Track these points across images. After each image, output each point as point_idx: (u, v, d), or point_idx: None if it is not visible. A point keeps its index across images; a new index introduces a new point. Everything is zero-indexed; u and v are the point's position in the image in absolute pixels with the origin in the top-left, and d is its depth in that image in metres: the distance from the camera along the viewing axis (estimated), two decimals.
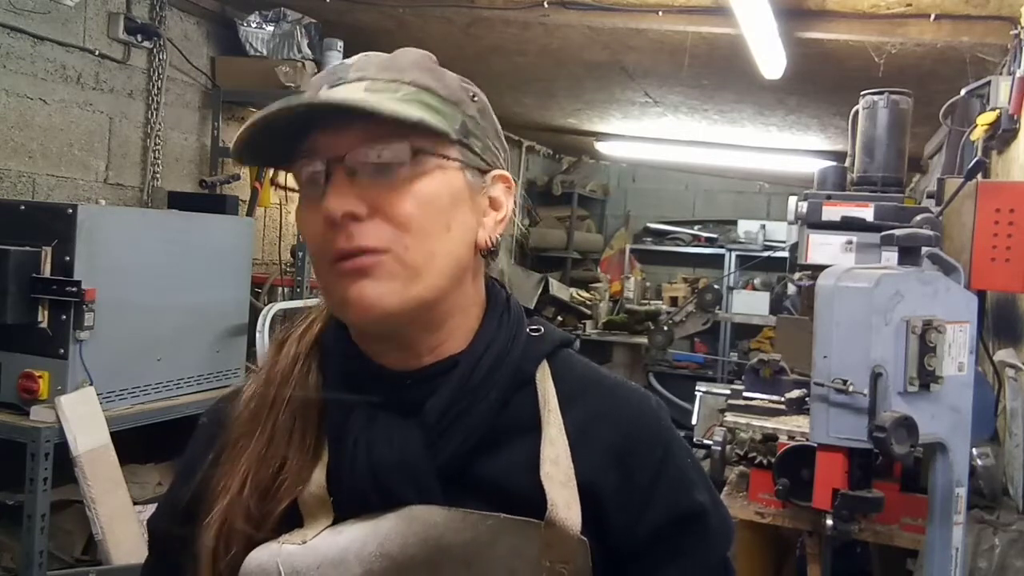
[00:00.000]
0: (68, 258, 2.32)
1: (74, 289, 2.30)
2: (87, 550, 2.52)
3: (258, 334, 2.93)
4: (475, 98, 0.80)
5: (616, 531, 0.78)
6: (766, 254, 6.49)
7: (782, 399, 2.29)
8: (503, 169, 0.82)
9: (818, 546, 2.02)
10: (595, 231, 7.62)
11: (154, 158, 3.45)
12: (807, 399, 2.02)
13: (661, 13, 3.18)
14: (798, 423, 2.11)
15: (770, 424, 2.15)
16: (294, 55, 3.55)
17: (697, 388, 3.25)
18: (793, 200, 2.25)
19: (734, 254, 6.88)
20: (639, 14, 3.23)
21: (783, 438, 2.06)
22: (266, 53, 3.59)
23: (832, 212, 2.16)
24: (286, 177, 3.63)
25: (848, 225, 2.13)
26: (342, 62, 0.79)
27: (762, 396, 2.36)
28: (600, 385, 0.85)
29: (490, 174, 0.81)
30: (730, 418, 2.22)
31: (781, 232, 6.57)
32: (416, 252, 0.73)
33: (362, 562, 0.74)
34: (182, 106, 3.63)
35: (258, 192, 3.64)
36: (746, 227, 6.91)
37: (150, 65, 3.41)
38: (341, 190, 0.72)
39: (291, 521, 0.78)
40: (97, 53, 3.16)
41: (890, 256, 1.57)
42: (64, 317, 2.33)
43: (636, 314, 6.90)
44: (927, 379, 1.34)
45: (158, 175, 3.46)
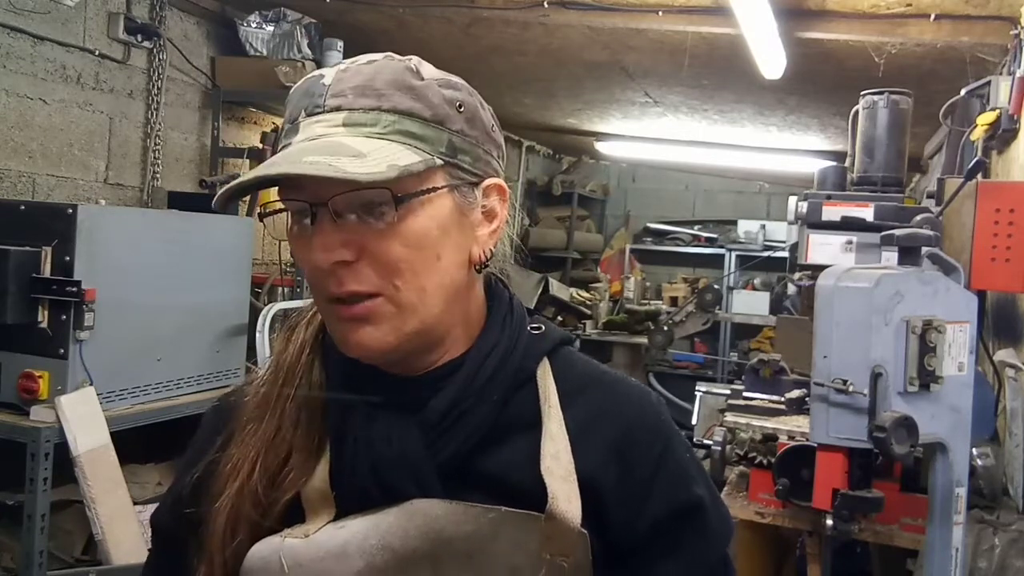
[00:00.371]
0: (68, 258, 2.32)
1: (74, 289, 2.30)
2: (87, 550, 2.52)
3: (258, 334, 2.93)
4: (461, 108, 0.77)
5: (616, 525, 0.79)
6: (766, 254, 6.49)
7: (782, 399, 2.29)
8: (497, 174, 0.81)
9: (818, 546, 2.02)
10: (595, 231, 7.62)
11: (154, 158, 3.45)
12: (807, 399, 2.02)
13: (661, 13, 3.18)
14: (798, 423, 2.11)
15: (770, 424, 2.15)
16: (294, 55, 3.55)
17: (697, 388, 3.25)
18: (793, 200, 2.24)
19: (734, 254, 6.88)
20: (639, 14, 3.23)
21: (783, 438, 2.06)
22: (266, 53, 3.59)
23: (832, 212, 2.16)
24: None
25: (848, 225, 2.13)
26: (322, 75, 0.76)
27: (762, 396, 2.36)
28: (600, 381, 0.86)
29: (482, 185, 0.79)
30: (730, 418, 2.22)
31: (781, 232, 6.58)
32: (407, 291, 0.74)
33: (364, 555, 0.75)
34: (182, 106, 3.63)
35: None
36: (746, 227, 6.91)
37: (150, 65, 3.41)
38: (327, 236, 0.72)
39: (294, 516, 0.78)
40: (97, 53, 3.16)
41: (890, 256, 1.57)
42: (64, 317, 2.33)
43: (636, 314, 6.91)
44: (927, 379, 1.34)
45: (158, 175, 3.46)
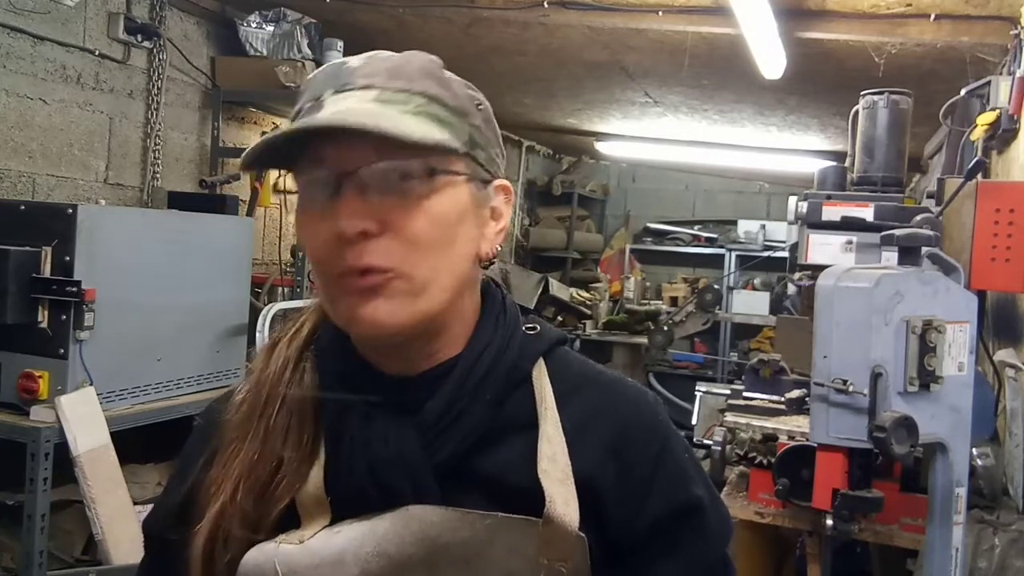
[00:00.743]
0: (68, 258, 2.32)
1: (74, 289, 2.30)
2: (87, 550, 2.52)
3: (258, 334, 2.93)
4: (480, 107, 0.80)
5: (614, 525, 0.78)
6: (766, 254, 6.49)
7: (782, 399, 2.29)
8: (503, 177, 0.83)
9: (818, 546, 2.02)
10: (595, 231, 7.62)
11: (154, 158, 3.45)
12: (807, 399, 2.02)
13: (661, 13, 3.18)
14: (798, 423, 2.11)
15: (770, 424, 2.15)
16: (294, 55, 3.55)
17: (697, 388, 3.25)
18: (793, 200, 2.24)
19: (734, 254, 6.88)
20: (639, 14, 3.23)
21: (783, 438, 2.06)
22: (266, 53, 3.59)
23: (832, 212, 2.16)
24: (285, 180, 3.63)
25: (848, 225, 2.13)
26: (346, 62, 0.77)
27: (762, 396, 2.36)
28: (596, 381, 0.85)
29: (492, 184, 0.81)
30: (730, 418, 2.22)
31: (781, 232, 6.58)
32: (422, 269, 0.73)
33: (359, 562, 0.74)
34: (182, 106, 3.63)
35: (258, 192, 3.64)
36: (746, 227, 6.91)
37: (150, 65, 3.41)
38: (353, 205, 0.71)
39: (288, 521, 0.77)
40: (97, 53, 3.16)
41: (890, 256, 1.57)
42: (64, 317, 2.33)
43: (636, 314, 6.90)
44: (927, 379, 1.34)
45: (158, 175, 3.46)
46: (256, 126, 4.02)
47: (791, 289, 4.30)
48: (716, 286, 6.92)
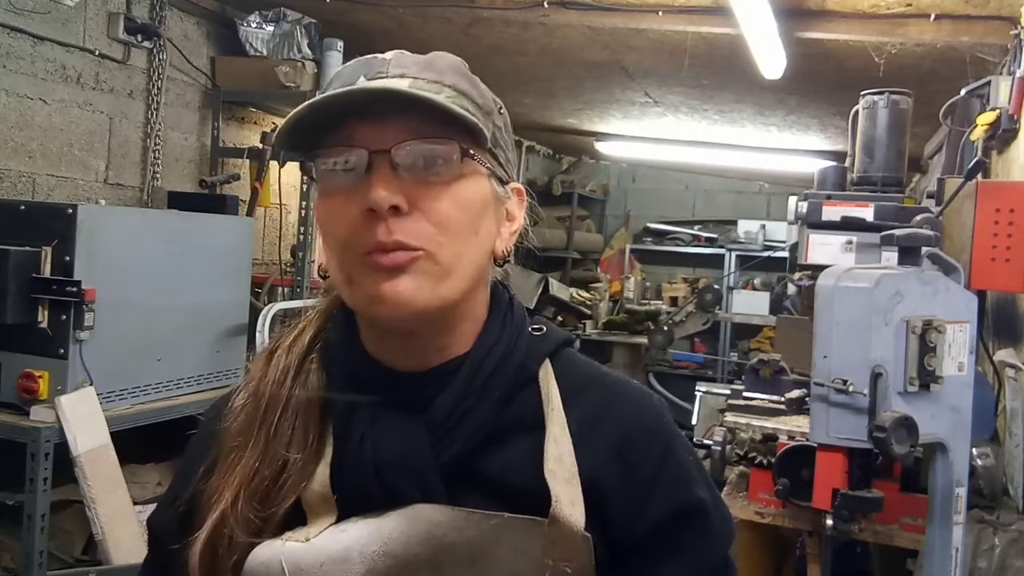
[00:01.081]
0: (68, 258, 2.32)
1: (74, 289, 2.30)
2: (87, 550, 2.52)
3: (258, 334, 2.93)
4: (501, 111, 0.83)
5: (618, 526, 0.79)
6: (766, 254, 6.49)
7: (782, 399, 2.29)
8: (518, 182, 0.85)
9: (818, 546, 2.02)
10: (595, 231, 7.62)
11: (154, 158, 3.45)
12: (807, 399, 2.02)
13: (661, 13, 3.18)
14: (798, 423, 2.11)
15: (770, 424, 2.15)
16: (294, 55, 3.55)
17: (697, 388, 3.25)
18: (793, 200, 2.25)
19: (734, 254, 6.88)
20: (639, 14, 3.23)
21: (783, 438, 2.07)
22: (266, 53, 3.59)
23: (832, 212, 2.16)
24: (280, 178, 3.62)
25: (848, 225, 2.13)
26: (376, 56, 0.78)
27: (762, 396, 2.36)
28: (602, 383, 0.86)
29: (509, 185, 0.83)
30: (730, 418, 2.22)
31: (781, 232, 6.57)
32: (448, 252, 0.74)
33: (365, 560, 0.74)
34: (182, 106, 3.63)
35: (258, 192, 3.64)
36: (746, 227, 6.91)
37: (150, 65, 3.41)
38: (386, 181, 0.72)
39: (295, 519, 0.78)
40: (97, 53, 3.16)
41: (890, 256, 1.57)
42: (64, 317, 2.33)
43: (636, 314, 6.90)
44: (927, 379, 1.35)
45: (158, 175, 3.46)
46: (256, 126, 4.02)
47: (791, 289, 4.30)
48: (716, 286, 6.92)
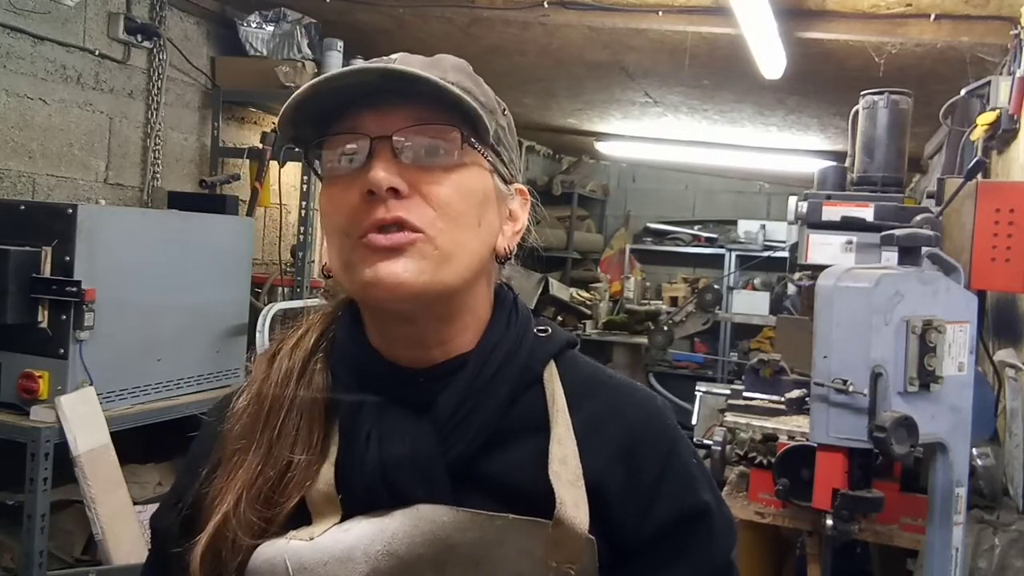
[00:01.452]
0: (68, 258, 2.32)
1: (74, 289, 2.30)
2: (87, 550, 2.52)
3: (258, 334, 2.93)
4: (505, 112, 0.85)
5: (621, 529, 0.79)
6: (766, 254, 6.49)
7: (782, 399, 2.29)
8: (521, 184, 0.86)
9: (818, 546, 2.02)
10: (595, 231, 7.62)
11: (154, 158, 3.45)
12: (807, 399, 2.02)
13: (661, 13, 3.18)
14: (798, 423, 2.12)
15: (770, 424, 2.15)
16: (294, 55, 3.55)
17: (697, 388, 3.25)
18: (793, 200, 2.25)
19: (734, 254, 6.88)
20: (639, 14, 3.23)
21: (783, 438, 2.07)
22: (266, 53, 3.59)
23: (832, 212, 2.16)
24: (280, 175, 3.62)
25: (848, 225, 2.13)
26: (380, 58, 0.78)
27: (762, 396, 2.36)
28: (606, 385, 0.86)
29: (512, 185, 0.84)
30: (730, 418, 2.22)
31: (781, 232, 6.57)
32: (448, 238, 0.74)
33: (369, 560, 0.74)
34: (182, 106, 3.63)
35: (258, 192, 3.64)
36: (746, 227, 6.91)
37: (150, 65, 3.41)
38: (386, 165, 0.73)
39: (299, 518, 0.78)
40: (97, 53, 3.16)
41: (890, 256, 1.57)
42: (64, 317, 2.33)
43: (636, 314, 6.90)
44: (927, 379, 1.35)
45: (158, 175, 3.46)
46: (256, 126, 4.02)
47: (791, 289, 4.30)
48: (716, 286, 6.92)
